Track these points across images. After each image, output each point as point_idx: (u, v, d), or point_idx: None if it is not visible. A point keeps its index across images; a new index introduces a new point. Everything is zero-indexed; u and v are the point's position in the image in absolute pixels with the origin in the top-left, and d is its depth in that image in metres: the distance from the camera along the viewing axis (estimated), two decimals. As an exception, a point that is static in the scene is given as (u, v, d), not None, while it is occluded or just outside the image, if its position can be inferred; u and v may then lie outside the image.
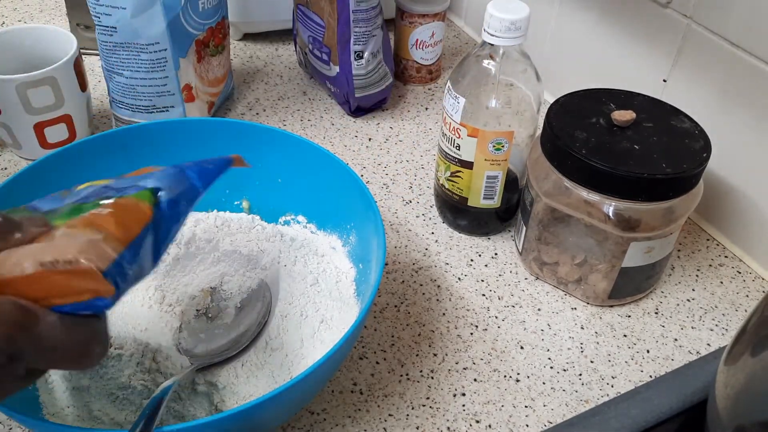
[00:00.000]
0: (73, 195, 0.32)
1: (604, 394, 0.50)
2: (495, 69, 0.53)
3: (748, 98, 0.56)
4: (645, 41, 0.65)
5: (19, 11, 0.91)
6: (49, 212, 0.30)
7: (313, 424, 0.47)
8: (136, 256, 0.29)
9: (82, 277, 0.26)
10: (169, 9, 0.61)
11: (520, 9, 0.51)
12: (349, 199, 0.52)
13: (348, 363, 0.51)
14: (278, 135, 0.55)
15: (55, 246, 0.27)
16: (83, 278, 0.26)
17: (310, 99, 0.78)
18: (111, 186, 0.32)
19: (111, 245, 0.28)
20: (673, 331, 0.54)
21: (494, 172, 0.57)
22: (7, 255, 0.27)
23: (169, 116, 0.67)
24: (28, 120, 0.63)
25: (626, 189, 0.48)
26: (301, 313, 0.50)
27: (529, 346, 0.53)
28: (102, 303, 0.27)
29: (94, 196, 0.31)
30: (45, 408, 0.44)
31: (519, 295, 0.57)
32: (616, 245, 0.51)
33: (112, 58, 0.63)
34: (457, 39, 0.92)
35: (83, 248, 0.27)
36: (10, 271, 0.26)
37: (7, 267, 0.26)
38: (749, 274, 0.60)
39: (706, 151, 0.50)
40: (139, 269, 0.29)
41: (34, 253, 0.27)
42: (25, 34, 0.67)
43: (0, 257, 0.27)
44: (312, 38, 0.74)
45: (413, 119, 0.77)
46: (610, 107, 0.53)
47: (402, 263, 0.59)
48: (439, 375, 0.50)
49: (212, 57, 0.69)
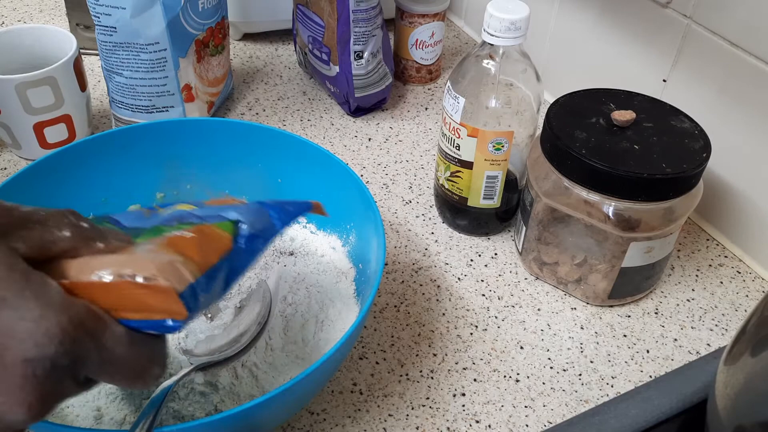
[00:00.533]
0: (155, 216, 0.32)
1: (603, 394, 0.50)
2: (495, 69, 0.53)
3: (748, 98, 0.56)
4: (645, 41, 0.65)
5: (19, 11, 0.91)
6: (132, 229, 0.30)
7: (313, 424, 0.47)
8: (211, 285, 0.29)
9: (159, 295, 0.26)
10: (169, 9, 0.61)
11: (520, 9, 0.51)
12: (349, 199, 0.52)
13: (348, 363, 0.51)
14: (278, 135, 0.55)
15: (135, 260, 0.27)
16: (160, 296, 0.26)
17: (310, 99, 0.78)
18: (194, 213, 0.32)
19: (189, 269, 0.27)
20: (672, 331, 0.54)
21: (494, 172, 0.57)
22: (88, 261, 0.27)
23: (168, 116, 0.67)
24: (27, 120, 0.63)
25: (626, 189, 0.48)
26: (301, 314, 0.50)
27: (528, 346, 0.53)
28: (171, 325, 0.27)
29: (177, 220, 0.31)
30: (45, 408, 0.44)
31: (519, 295, 0.57)
32: (616, 245, 0.51)
33: (111, 58, 0.63)
34: (457, 39, 0.92)
35: (163, 267, 0.27)
36: (88, 277, 0.26)
37: (86, 272, 0.26)
38: (749, 274, 0.60)
39: (706, 151, 0.50)
40: (209, 298, 0.29)
41: (114, 264, 0.27)
42: (25, 34, 0.67)
43: (80, 261, 0.27)
44: (312, 38, 0.74)
45: (413, 119, 0.77)
46: (610, 107, 0.53)
47: (402, 263, 0.59)
48: (439, 375, 0.50)
49: (212, 57, 0.69)
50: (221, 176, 0.57)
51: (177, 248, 0.28)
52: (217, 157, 0.56)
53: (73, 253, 0.27)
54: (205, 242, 0.29)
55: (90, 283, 0.26)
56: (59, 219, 0.28)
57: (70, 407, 0.44)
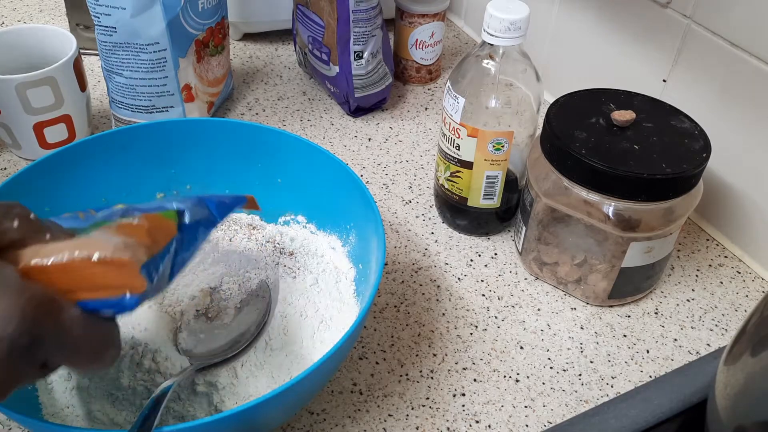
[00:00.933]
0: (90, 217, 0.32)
1: (603, 394, 0.50)
2: (495, 69, 0.53)
3: (748, 98, 0.56)
4: (645, 41, 0.65)
5: (19, 11, 0.91)
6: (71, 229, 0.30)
7: (313, 424, 0.47)
8: (160, 267, 0.29)
9: (118, 269, 0.27)
10: (169, 9, 0.61)
11: (520, 9, 0.51)
12: (348, 199, 0.52)
13: (348, 363, 0.51)
14: (278, 135, 0.55)
15: (89, 242, 0.27)
16: (119, 271, 0.27)
17: (310, 99, 0.78)
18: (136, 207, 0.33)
19: (142, 250, 0.28)
20: (672, 331, 0.54)
21: (494, 172, 0.57)
22: (39, 248, 0.27)
23: (168, 116, 0.67)
24: (27, 120, 0.63)
25: (626, 189, 0.48)
26: (301, 314, 0.50)
27: (528, 346, 0.53)
28: (129, 302, 0.27)
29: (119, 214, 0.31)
30: (44, 408, 0.44)
31: (519, 295, 0.57)
32: (615, 245, 0.51)
33: (111, 58, 0.63)
34: (456, 39, 0.92)
35: (118, 245, 0.27)
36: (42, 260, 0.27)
37: (40, 256, 0.27)
38: (749, 274, 0.60)
39: (705, 151, 0.50)
40: (161, 283, 0.30)
41: (68, 247, 0.27)
42: (25, 34, 0.67)
43: (32, 249, 0.27)
44: (312, 38, 0.74)
45: (413, 119, 0.77)
46: (609, 107, 0.53)
47: (402, 263, 0.59)
48: (439, 375, 0.50)
49: (212, 57, 0.69)
50: (221, 176, 0.57)
51: (128, 232, 0.29)
52: (217, 157, 0.56)
53: (22, 244, 0.28)
54: (153, 228, 0.30)
55: (45, 266, 0.27)
56: (6, 210, 0.28)
57: (70, 407, 0.44)
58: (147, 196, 0.56)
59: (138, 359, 0.46)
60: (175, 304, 0.50)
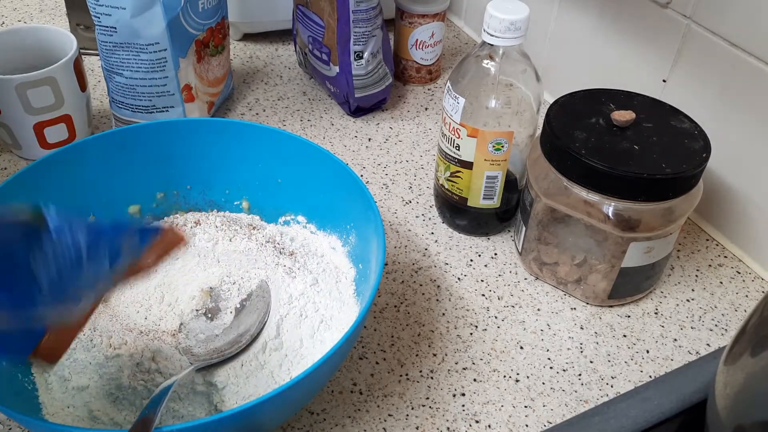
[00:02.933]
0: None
1: (603, 394, 0.50)
2: (495, 69, 0.53)
3: (748, 98, 0.56)
4: (645, 41, 0.65)
5: (19, 11, 0.91)
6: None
7: (312, 424, 0.47)
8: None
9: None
10: (169, 9, 0.61)
11: (520, 9, 0.51)
12: (348, 199, 0.52)
13: (348, 363, 0.51)
14: (278, 135, 0.55)
15: None
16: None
17: (310, 99, 0.78)
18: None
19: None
20: (672, 331, 0.55)
21: (494, 172, 0.57)
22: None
23: (168, 116, 0.67)
24: (27, 120, 0.63)
25: (626, 189, 0.48)
26: (301, 313, 0.50)
27: (528, 346, 0.53)
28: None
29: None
30: (45, 408, 0.44)
31: (519, 295, 0.57)
32: (615, 245, 0.51)
33: (111, 58, 0.63)
34: (456, 39, 0.92)
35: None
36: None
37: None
38: (749, 275, 0.60)
39: (705, 151, 0.50)
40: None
41: None
42: (25, 34, 0.67)
43: None
44: (312, 38, 0.74)
45: (413, 119, 0.77)
46: (609, 107, 0.53)
47: (402, 263, 0.59)
48: (439, 375, 0.50)
49: (212, 57, 0.69)
50: (221, 176, 0.57)
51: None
52: (217, 157, 0.56)
53: None
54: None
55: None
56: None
57: (70, 407, 0.44)
58: (147, 196, 0.56)
59: (138, 359, 0.46)
60: (175, 304, 0.50)
